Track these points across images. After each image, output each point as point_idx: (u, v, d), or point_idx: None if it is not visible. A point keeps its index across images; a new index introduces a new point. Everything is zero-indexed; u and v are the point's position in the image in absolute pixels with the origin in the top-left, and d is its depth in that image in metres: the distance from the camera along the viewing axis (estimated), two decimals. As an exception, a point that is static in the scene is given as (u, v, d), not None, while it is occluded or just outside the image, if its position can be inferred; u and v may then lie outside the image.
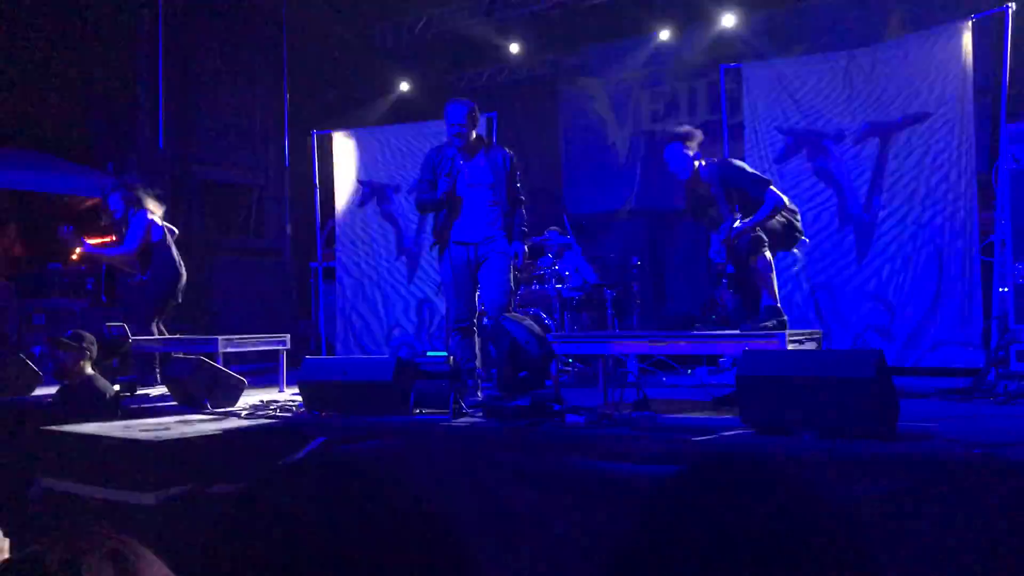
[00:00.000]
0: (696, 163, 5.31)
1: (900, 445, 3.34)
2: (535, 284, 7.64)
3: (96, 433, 4.32)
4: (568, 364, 7.08)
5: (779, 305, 5.08)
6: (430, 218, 5.69)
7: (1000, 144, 5.85)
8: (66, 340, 5.45)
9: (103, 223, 7.34)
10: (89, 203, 9.90)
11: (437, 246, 5.45)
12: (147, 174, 9.45)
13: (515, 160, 5.49)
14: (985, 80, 7.36)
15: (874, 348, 5.60)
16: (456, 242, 5.33)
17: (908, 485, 2.99)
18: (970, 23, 6.43)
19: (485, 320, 5.53)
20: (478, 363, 5.40)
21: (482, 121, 8.12)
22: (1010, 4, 6.20)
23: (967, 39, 6.42)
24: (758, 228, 5.06)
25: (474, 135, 5.39)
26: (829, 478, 3.17)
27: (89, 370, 5.49)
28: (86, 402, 5.18)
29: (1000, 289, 5.85)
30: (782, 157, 7.26)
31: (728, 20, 9.63)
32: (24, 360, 6.54)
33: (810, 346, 4.67)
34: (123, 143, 9.90)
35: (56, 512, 4.13)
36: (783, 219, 5.21)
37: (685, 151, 5.30)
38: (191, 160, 9.91)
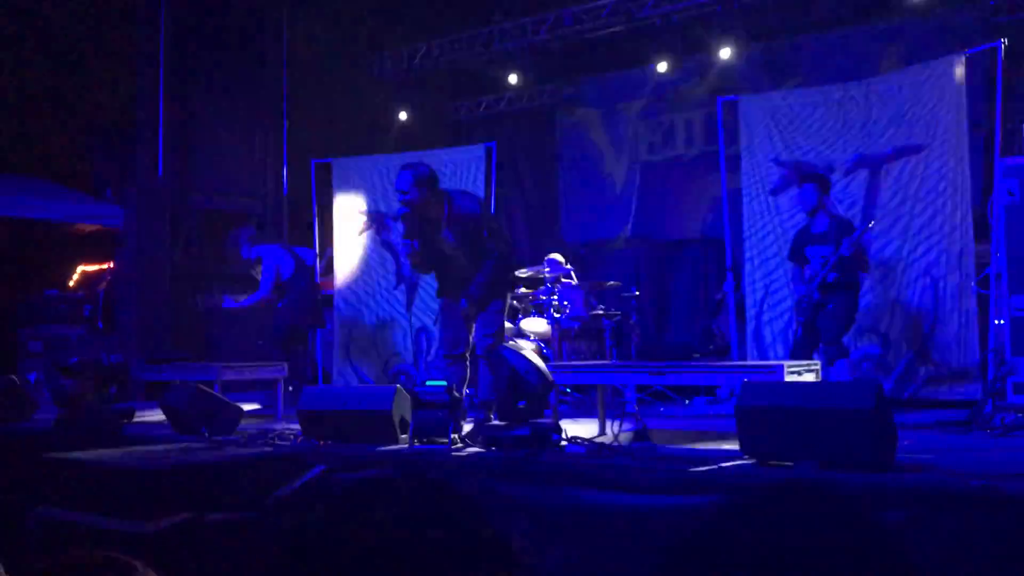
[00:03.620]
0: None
1: (899, 476, 3.35)
2: (533, 313, 7.66)
3: (93, 460, 4.31)
4: (567, 393, 7.09)
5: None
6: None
7: (995, 178, 5.91)
8: (72, 367, 5.44)
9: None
10: (87, 230, 9.91)
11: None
12: (146, 202, 9.49)
13: (480, 210, 5.47)
14: (979, 115, 7.44)
15: (872, 379, 5.63)
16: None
17: (906, 516, 3.00)
18: (963, 58, 6.52)
19: (478, 349, 5.55)
20: (464, 390, 5.43)
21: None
22: (1003, 40, 6.30)
23: (960, 73, 6.50)
24: None
25: (428, 199, 5.27)
26: (827, 509, 3.17)
27: (91, 399, 5.48)
28: (88, 429, 5.16)
29: (996, 321, 5.88)
30: (778, 189, 7.32)
31: (725, 53, 9.73)
32: (19, 386, 6.51)
33: (808, 377, 4.69)
34: (123, 170, 9.93)
35: (52, 541, 4.10)
36: None
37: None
38: (190, 188, 9.94)
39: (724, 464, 3.70)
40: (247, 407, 6.09)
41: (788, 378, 4.45)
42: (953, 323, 6.42)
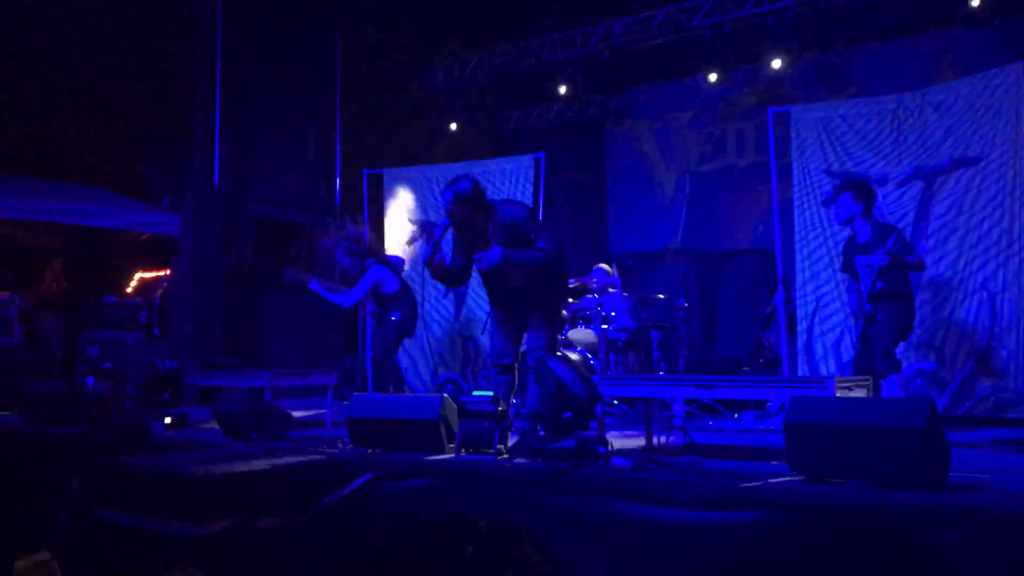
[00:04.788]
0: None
1: (950, 497, 3.29)
2: (580, 324, 7.65)
3: (147, 465, 4.41)
4: (613, 406, 7.06)
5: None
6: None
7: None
8: (104, 371, 5.53)
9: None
10: (144, 238, 10.13)
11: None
12: (201, 210, 9.68)
13: (527, 211, 5.47)
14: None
15: (925, 396, 5.53)
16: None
17: (958, 538, 2.95)
18: (1021, 68, 6.39)
19: (528, 360, 5.57)
20: (511, 401, 5.44)
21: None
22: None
23: (1018, 84, 6.37)
24: None
25: (472, 208, 5.29)
26: (875, 528, 3.13)
27: (120, 402, 5.55)
28: (118, 433, 5.23)
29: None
30: (829, 200, 7.22)
31: (776, 63, 9.65)
32: (76, 390, 6.65)
33: (860, 393, 4.62)
34: (178, 178, 10.15)
35: (108, 544, 4.20)
36: None
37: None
38: (244, 196, 10.13)
39: (771, 480, 3.66)
40: (298, 414, 6.18)
41: (839, 393, 4.39)
42: (1011, 340, 6.28)
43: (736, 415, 7.23)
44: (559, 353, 5.23)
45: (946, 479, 3.45)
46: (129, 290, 10.52)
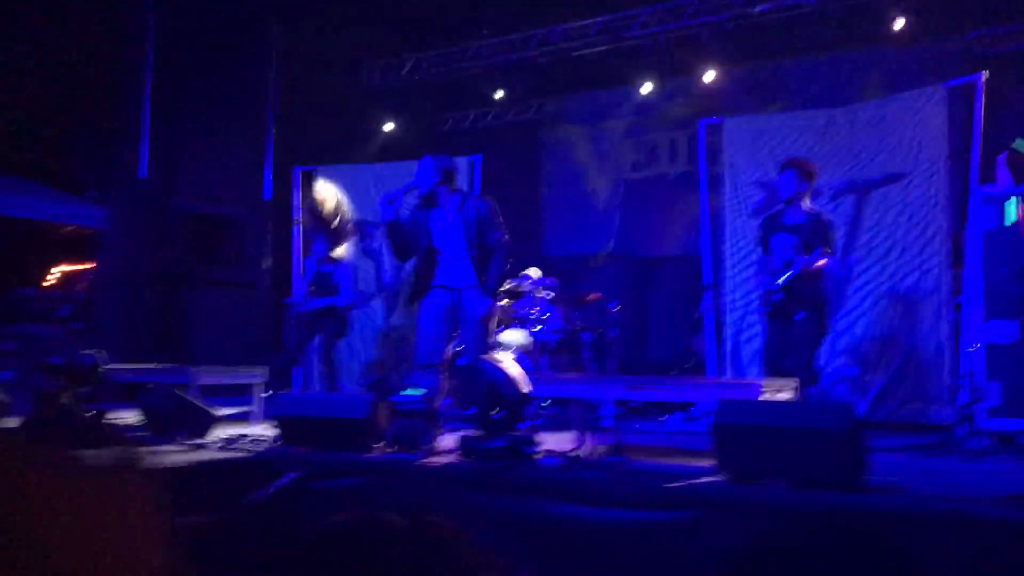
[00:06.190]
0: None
1: (870, 498, 3.39)
2: (515, 325, 7.66)
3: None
4: (544, 407, 7.09)
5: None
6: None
7: (970, 204, 6.00)
8: (48, 366, 5.41)
9: None
10: (68, 230, 9.86)
11: (418, 291, 5.53)
12: (129, 203, 9.44)
13: (492, 207, 5.53)
14: (958, 144, 7.56)
15: (847, 400, 5.67)
16: (439, 286, 5.41)
17: (874, 538, 3.03)
18: (944, 89, 6.65)
19: (459, 360, 5.56)
20: (442, 400, 5.43)
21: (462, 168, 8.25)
22: (983, 73, 6.42)
23: (941, 103, 6.62)
24: None
25: (444, 186, 5.47)
26: (798, 528, 3.20)
27: (65, 398, 5.45)
28: (63, 430, 5.11)
29: (969, 347, 5.95)
30: (760, 210, 7.38)
31: (709, 75, 9.82)
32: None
33: (786, 396, 4.73)
34: (106, 171, 9.89)
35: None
36: None
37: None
38: (174, 191, 9.91)
39: (698, 480, 3.72)
40: (226, 411, 6.07)
41: (765, 396, 4.48)
42: (929, 347, 6.50)
43: (664, 418, 7.33)
44: (490, 354, 5.23)
45: (865, 480, 3.54)
46: (48, 283, 10.21)
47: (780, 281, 5.50)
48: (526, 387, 4.80)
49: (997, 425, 5.35)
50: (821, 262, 5.40)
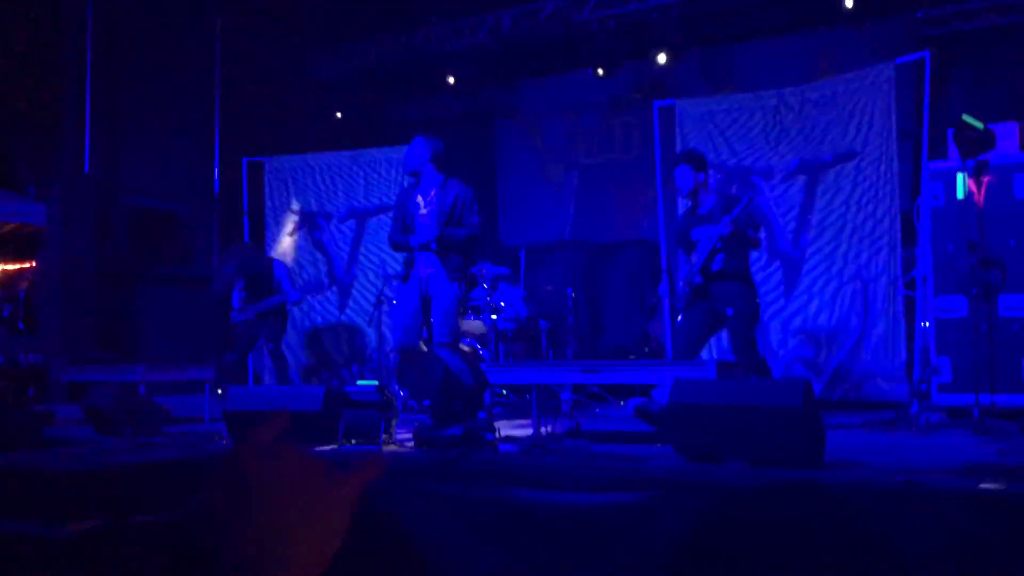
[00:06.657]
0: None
1: (826, 473, 3.38)
2: (470, 315, 7.60)
3: (9, 463, 4.14)
4: (502, 395, 7.05)
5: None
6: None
7: (921, 182, 6.05)
8: None
9: None
10: (7, 228, 9.59)
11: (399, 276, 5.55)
12: (71, 199, 9.21)
13: (472, 193, 5.49)
14: (907, 122, 7.63)
15: (801, 376, 5.68)
16: (414, 272, 5.39)
17: (832, 512, 3.03)
18: (893, 67, 6.68)
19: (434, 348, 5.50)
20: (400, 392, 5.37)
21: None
22: (930, 51, 6.47)
23: (890, 82, 6.66)
24: None
25: (430, 169, 5.50)
26: (756, 506, 3.19)
27: (7, 400, 5.28)
28: (4, 432, 4.94)
29: (922, 323, 6.01)
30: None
31: (661, 59, 9.81)
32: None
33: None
34: (47, 167, 9.63)
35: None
36: None
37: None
38: (118, 186, 9.69)
39: (655, 461, 3.69)
40: (175, 409, 5.93)
41: (719, 376, 4.46)
42: (881, 325, 6.55)
43: (622, 403, 7.32)
44: (449, 342, 5.17)
45: (822, 457, 3.54)
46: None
47: (698, 264, 5.35)
48: (482, 375, 4.75)
49: (947, 400, 5.41)
50: (728, 231, 5.21)
